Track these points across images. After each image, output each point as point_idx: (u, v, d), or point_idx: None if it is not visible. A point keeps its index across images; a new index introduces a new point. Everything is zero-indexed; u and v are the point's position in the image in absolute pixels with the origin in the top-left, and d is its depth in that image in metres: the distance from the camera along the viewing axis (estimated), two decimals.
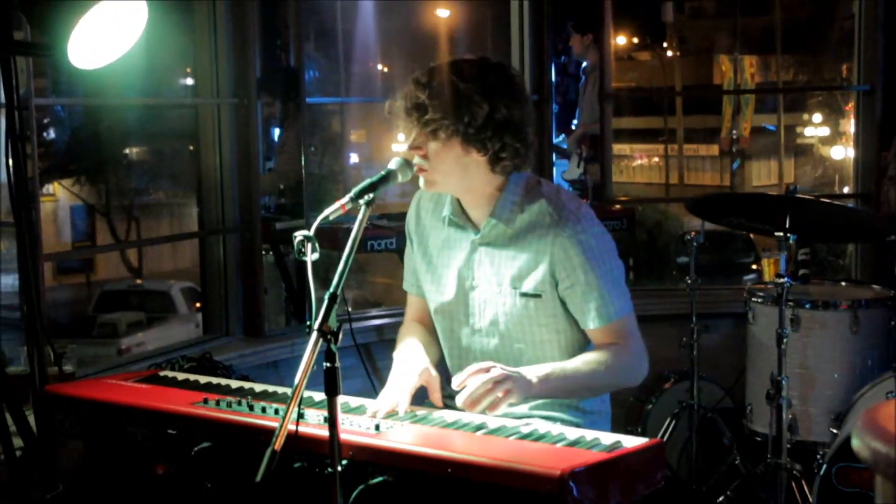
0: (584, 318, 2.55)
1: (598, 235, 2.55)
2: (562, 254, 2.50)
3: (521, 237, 2.56)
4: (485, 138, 2.47)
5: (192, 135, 4.83)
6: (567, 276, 2.51)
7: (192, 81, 4.74)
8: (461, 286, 2.66)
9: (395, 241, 4.38)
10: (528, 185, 2.60)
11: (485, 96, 2.46)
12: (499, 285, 2.59)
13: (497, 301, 2.60)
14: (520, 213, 2.56)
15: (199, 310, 15.14)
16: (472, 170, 2.52)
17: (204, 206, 4.66)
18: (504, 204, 2.57)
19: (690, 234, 4.49)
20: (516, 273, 2.56)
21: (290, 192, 5.24)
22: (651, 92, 22.05)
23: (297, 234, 2.22)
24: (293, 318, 5.13)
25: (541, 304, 2.55)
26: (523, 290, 2.55)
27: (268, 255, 5.01)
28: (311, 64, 12.47)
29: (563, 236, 2.50)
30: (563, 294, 2.54)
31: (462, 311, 2.67)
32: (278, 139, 5.64)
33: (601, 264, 2.53)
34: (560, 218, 2.52)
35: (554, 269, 2.52)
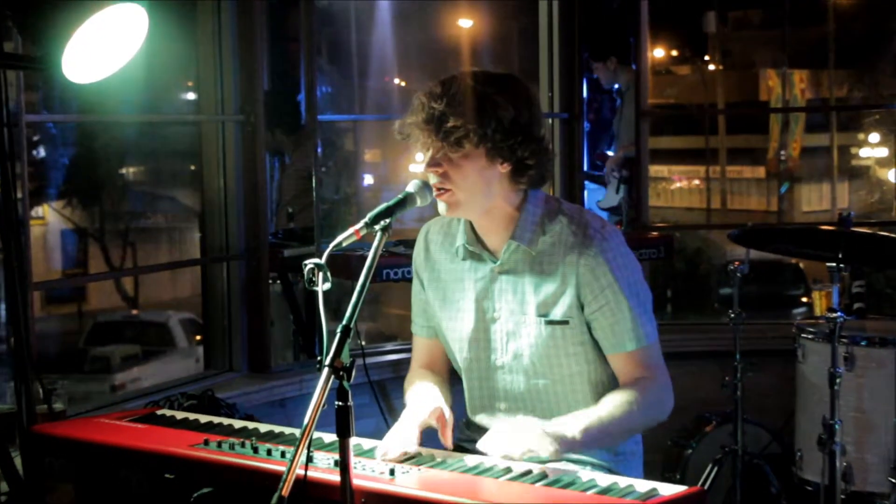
0: (613, 343, 2.56)
1: (625, 255, 2.58)
2: (588, 274, 2.52)
3: (545, 260, 2.57)
4: (514, 144, 2.49)
5: (193, 154, 4.87)
6: (595, 298, 2.53)
7: (194, 96, 4.79)
8: (481, 319, 2.66)
9: (412, 270, 4.38)
10: (548, 203, 2.62)
11: (508, 99, 2.49)
12: (523, 314, 2.59)
13: (521, 332, 2.60)
14: (541, 235, 2.58)
15: (200, 343, 15.17)
16: (494, 185, 2.54)
17: (206, 230, 4.68)
18: (524, 224, 2.58)
19: (734, 264, 4.48)
20: (542, 300, 2.57)
21: (300, 216, 5.27)
22: (691, 109, 22.04)
23: (308, 261, 2.23)
24: (302, 353, 5.14)
25: (568, 332, 2.56)
26: (550, 318, 2.56)
27: (275, 285, 5.02)
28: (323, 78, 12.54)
29: (589, 256, 2.52)
30: (591, 317, 2.55)
31: (483, 346, 2.67)
32: (287, 159, 5.68)
33: (630, 285, 2.55)
34: (584, 237, 2.54)
35: (581, 291, 2.53)
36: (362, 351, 4.71)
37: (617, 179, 6.14)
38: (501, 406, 2.69)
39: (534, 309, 2.58)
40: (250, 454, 2.47)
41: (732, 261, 4.53)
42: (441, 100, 2.48)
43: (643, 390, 2.53)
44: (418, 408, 2.60)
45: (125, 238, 19.26)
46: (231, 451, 2.49)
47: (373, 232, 2.33)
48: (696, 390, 4.65)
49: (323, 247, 4.80)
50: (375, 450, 2.49)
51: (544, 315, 2.57)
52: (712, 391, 4.69)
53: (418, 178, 2.55)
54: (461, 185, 2.53)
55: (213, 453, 2.49)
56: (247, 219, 4.59)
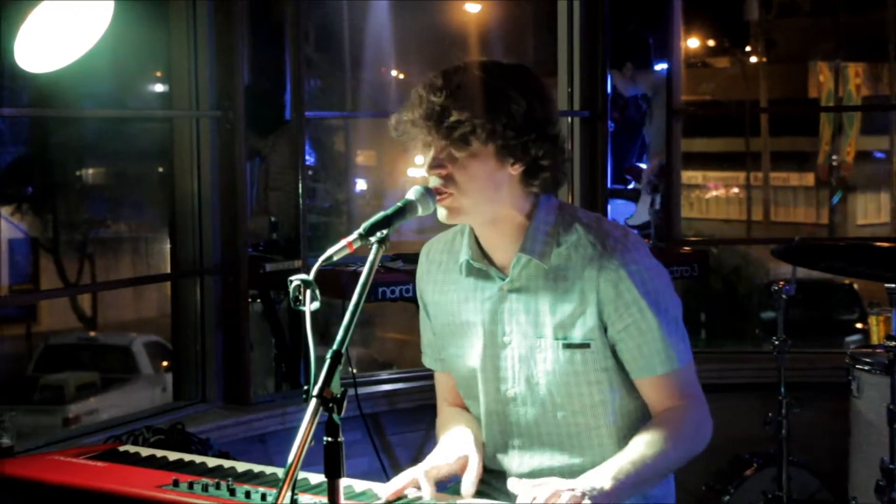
0: (641, 366, 2.55)
1: (652, 267, 2.57)
2: (611, 290, 2.52)
3: (560, 275, 2.57)
4: (527, 142, 2.49)
5: (163, 154, 4.88)
6: (619, 317, 2.52)
7: (164, 88, 4.80)
8: (490, 344, 2.65)
9: (411, 288, 4.38)
10: (562, 210, 2.62)
11: (520, 91, 2.50)
12: (538, 337, 2.59)
13: (536, 357, 2.59)
14: (555, 246, 2.57)
15: (168, 370, 15.17)
16: (504, 189, 2.54)
17: (177, 241, 4.69)
18: (535, 234, 2.58)
19: (778, 284, 4.49)
20: (559, 320, 2.56)
21: (284, 226, 5.28)
22: (730, 107, 22.05)
23: (294, 278, 2.23)
24: (285, 382, 5.14)
25: (590, 357, 2.55)
26: (569, 340, 2.56)
27: (255, 304, 5.03)
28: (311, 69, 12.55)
29: (611, 269, 2.52)
30: (616, 338, 2.54)
31: (492, 376, 2.67)
32: (270, 161, 5.69)
33: (658, 300, 2.54)
34: (604, 248, 2.54)
35: (602, 309, 2.53)
36: (354, 380, 4.73)
37: (651, 194, 6.15)
38: (516, 443, 2.68)
39: (550, 331, 2.57)
40: (226, 497, 2.47)
41: (776, 280, 4.54)
42: (442, 92, 2.48)
43: (677, 423, 2.52)
44: (445, 451, 2.61)
45: (83, 249, 19.27)
46: (204, 494, 2.50)
47: (368, 244, 2.33)
48: (735, 428, 4.65)
49: (310, 261, 4.81)
50: (376, 492, 2.49)
51: (562, 338, 2.57)
52: (753, 429, 4.69)
53: (419, 183, 2.55)
54: (466, 188, 2.51)
55: (183, 495, 2.49)
56: (224, 228, 4.60)
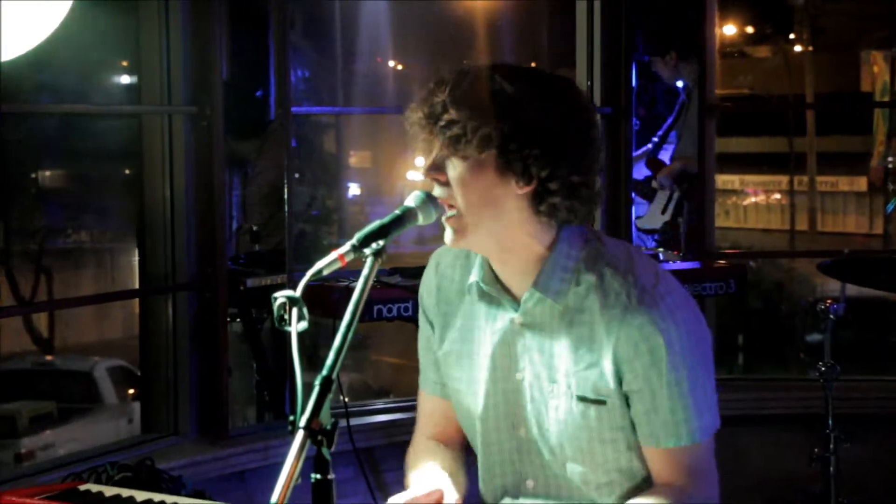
0: (646, 434, 2.52)
1: (684, 323, 2.49)
2: (629, 349, 2.47)
3: (577, 319, 2.51)
4: (528, 158, 2.45)
5: (130, 154, 4.90)
6: (634, 377, 2.48)
7: (132, 81, 4.81)
8: (501, 378, 2.64)
9: (410, 306, 4.40)
10: (588, 244, 2.57)
11: (534, 97, 2.46)
12: (552, 382, 2.56)
13: (549, 404, 2.57)
14: (574, 286, 2.52)
15: (136, 398, 15.13)
16: (509, 211, 2.47)
17: (146, 253, 4.70)
18: (552, 270, 2.52)
19: (825, 303, 4.49)
20: (574, 370, 2.52)
21: (268, 236, 5.29)
22: (771, 102, 22.05)
23: (278, 294, 2.24)
24: (268, 412, 5.15)
25: (605, 414, 2.52)
26: (581, 393, 2.54)
27: (234, 323, 5.04)
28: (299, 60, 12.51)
29: (632, 326, 2.45)
30: (628, 395, 2.52)
31: (504, 413, 2.65)
32: (251, 164, 5.71)
33: (683, 365, 2.47)
34: (629, 299, 2.47)
35: (619, 366, 2.49)
36: (346, 410, 4.72)
37: (667, 196, 6.15)
38: (529, 485, 2.68)
39: (564, 379, 2.55)
40: None
41: (823, 299, 4.54)
42: (444, 88, 2.48)
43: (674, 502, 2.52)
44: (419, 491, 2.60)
45: (38, 261, 19.22)
46: None
47: (362, 257, 2.32)
48: (776, 465, 4.65)
49: (297, 276, 4.82)
50: None
51: (577, 390, 2.55)
52: (797, 466, 4.69)
53: (419, 187, 2.54)
54: (464, 201, 2.47)
55: None
56: (199, 238, 4.62)
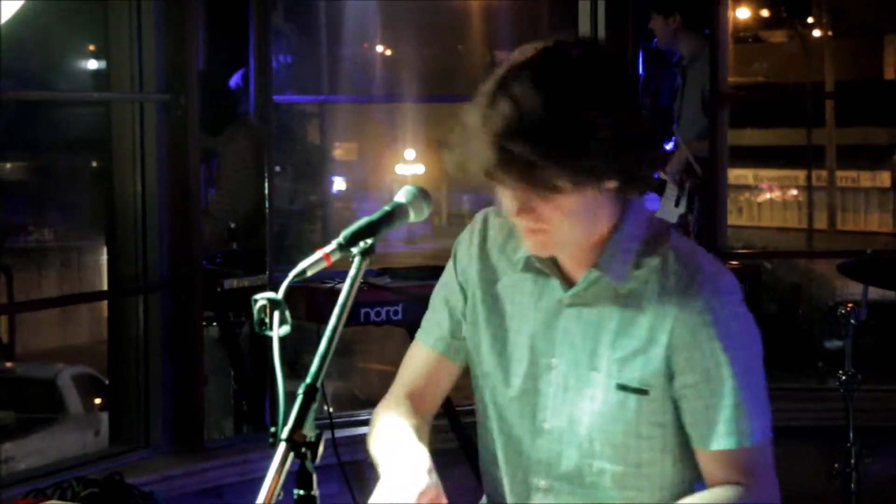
0: (703, 433, 2.52)
1: (742, 318, 2.52)
2: (687, 335, 2.49)
3: (631, 303, 2.54)
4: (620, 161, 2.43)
5: (99, 145, 4.89)
6: (690, 369, 2.49)
7: (100, 66, 4.81)
8: (532, 363, 2.64)
9: (400, 310, 4.40)
10: (651, 227, 2.59)
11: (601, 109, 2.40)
12: (590, 369, 2.56)
13: (583, 393, 2.57)
14: (634, 269, 2.56)
15: (103, 408, 15.11)
16: (603, 206, 2.51)
17: (116, 251, 4.70)
18: (615, 250, 2.54)
19: (846, 307, 4.49)
20: (619, 355, 2.54)
21: (246, 234, 5.29)
22: (788, 91, 22.07)
23: (259, 296, 2.24)
24: (246, 424, 5.15)
25: (645, 406, 2.53)
26: (623, 381, 2.54)
27: (211, 328, 5.04)
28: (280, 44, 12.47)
29: (693, 310, 2.48)
30: (679, 392, 2.51)
31: (527, 400, 2.65)
32: (228, 156, 5.70)
33: (742, 359, 2.49)
34: (691, 282, 2.50)
35: (672, 354, 2.49)
36: (330, 421, 4.72)
37: (680, 187, 6.16)
38: (541, 483, 2.67)
39: (606, 365, 2.56)
40: None
41: (844, 302, 4.54)
42: (516, 134, 2.42)
43: (737, 496, 2.51)
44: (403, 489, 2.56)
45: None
46: None
47: (348, 256, 2.32)
48: (793, 481, 4.63)
49: (278, 276, 4.82)
50: None
51: (618, 376, 2.55)
52: (815, 482, 4.70)
53: (410, 181, 2.55)
54: (560, 224, 2.47)
55: None
56: (173, 236, 4.61)
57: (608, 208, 2.54)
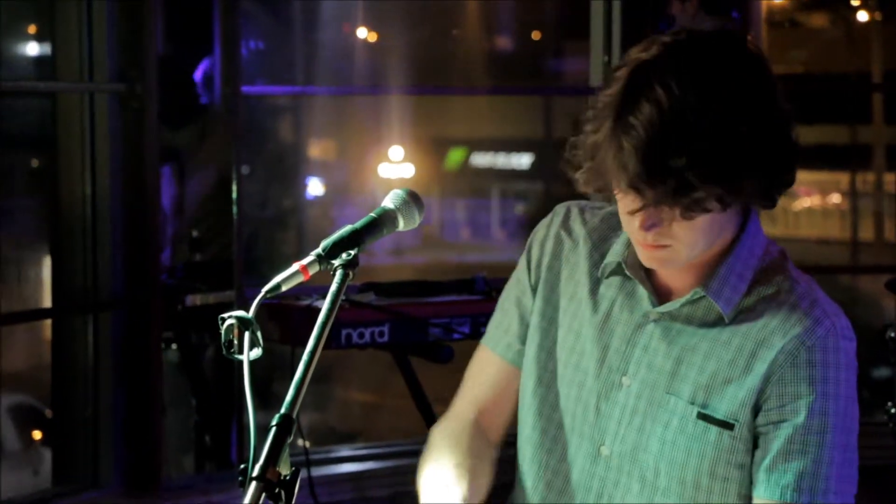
0: (769, 479, 2.50)
1: (849, 368, 2.53)
2: (788, 368, 2.48)
3: (732, 327, 2.54)
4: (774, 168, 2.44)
5: (41, 142, 4.90)
6: (779, 406, 2.49)
7: (43, 51, 4.82)
8: (601, 379, 2.63)
9: (387, 331, 4.42)
10: (769, 252, 2.60)
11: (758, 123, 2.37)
12: (668, 394, 2.54)
13: (657, 418, 2.55)
14: (744, 295, 2.55)
15: (45, 443, 15.08)
16: (730, 219, 2.52)
17: (61, 263, 4.70)
18: (729, 274, 2.54)
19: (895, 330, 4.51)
20: (704, 380, 2.53)
21: (211, 243, 5.30)
22: (830, 82, 22.09)
23: (227, 315, 2.24)
24: (209, 460, 5.16)
25: (727, 442, 2.51)
26: (708, 411, 2.53)
27: (170, 350, 5.05)
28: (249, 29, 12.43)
29: (803, 343, 2.48)
30: (760, 429, 2.50)
31: (588, 420, 2.64)
32: (190, 156, 5.71)
33: (840, 410, 2.50)
34: (807, 315, 2.50)
35: (766, 387, 2.48)
36: (306, 457, 4.74)
37: None
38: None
39: (688, 390, 2.54)
40: None
41: (893, 325, 4.56)
42: (673, 145, 2.36)
43: None
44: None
45: None
46: None
47: (329, 270, 2.33)
48: None
49: (248, 292, 4.83)
50: None
51: (701, 404, 2.54)
52: None
53: (398, 185, 2.55)
54: (690, 241, 2.45)
55: None
56: (128, 246, 4.62)
57: (732, 222, 2.54)
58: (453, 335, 4.58)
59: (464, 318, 4.63)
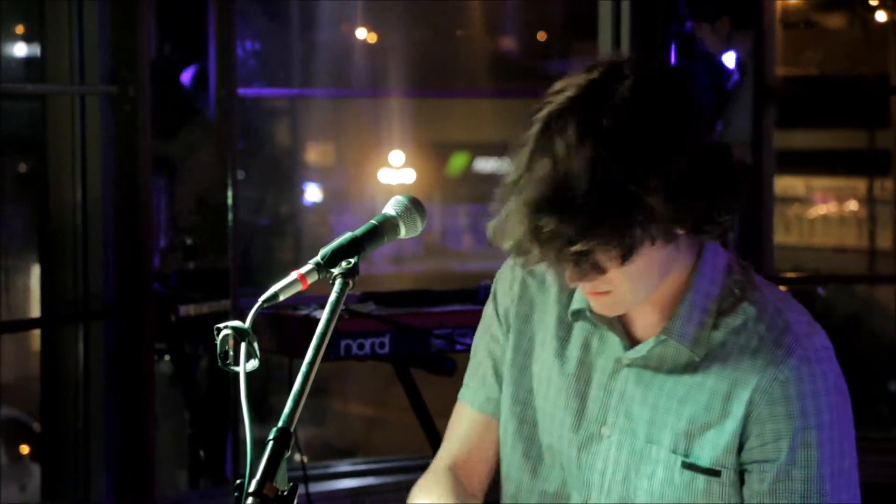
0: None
1: (834, 387, 2.52)
2: (766, 408, 2.47)
3: (705, 367, 2.52)
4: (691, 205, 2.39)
5: (29, 147, 4.90)
6: (761, 446, 2.48)
7: (31, 52, 4.82)
8: (581, 430, 2.62)
9: (387, 342, 4.42)
10: (730, 275, 2.57)
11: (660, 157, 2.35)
12: (649, 443, 2.53)
13: (641, 471, 2.55)
14: (711, 329, 2.54)
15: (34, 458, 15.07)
16: (674, 256, 2.48)
17: (51, 272, 4.71)
18: (691, 312, 2.52)
19: None
20: (684, 427, 2.53)
21: (205, 252, 5.29)
22: (847, 85, 22.07)
23: (223, 325, 2.25)
24: (204, 475, 5.15)
25: (716, 489, 2.50)
26: (692, 460, 2.53)
27: (163, 361, 5.05)
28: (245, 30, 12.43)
29: (777, 380, 2.46)
30: (745, 468, 2.50)
31: (572, 475, 2.63)
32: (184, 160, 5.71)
33: (827, 440, 2.48)
34: (777, 346, 2.49)
35: (747, 428, 2.47)
36: (304, 473, 4.74)
37: None
38: None
39: (669, 438, 2.53)
40: None
41: None
42: (552, 209, 2.34)
43: None
44: None
45: None
46: None
47: (328, 278, 2.33)
48: None
49: (243, 301, 4.83)
50: None
51: (683, 453, 2.53)
52: None
53: (399, 192, 2.56)
54: (626, 286, 2.44)
55: None
56: (120, 253, 4.63)
57: (681, 256, 2.51)
58: (456, 346, 4.58)
59: (467, 329, 4.62)
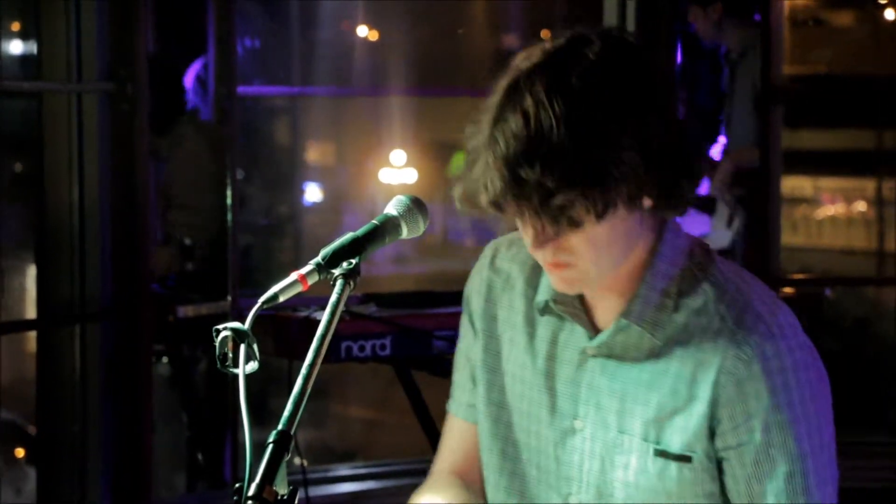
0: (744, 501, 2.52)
1: (802, 364, 2.49)
2: (732, 389, 2.46)
3: (666, 352, 2.52)
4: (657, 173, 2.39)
5: (25, 146, 4.91)
6: (734, 429, 2.48)
7: (28, 49, 4.82)
8: (553, 425, 2.63)
9: (388, 344, 4.42)
10: (692, 258, 2.56)
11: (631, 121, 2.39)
12: (621, 433, 2.54)
13: (615, 461, 2.55)
14: (671, 311, 2.53)
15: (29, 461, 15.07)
16: (637, 229, 2.48)
17: (47, 272, 4.71)
18: (649, 294, 2.51)
19: None
20: (654, 414, 2.52)
21: (203, 252, 5.30)
22: (854, 84, 22.07)
23: (222, 326, 2.25)
24: (202, 478, 5.16)
25: (688, 475, 2.50)
26: (663, 447, 2.54)
27: (160, 363, 5.05)
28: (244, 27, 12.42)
29: (740, 360, 2.45)
30: (721, 454, 2.50)
31: (548, 468, 2.64)
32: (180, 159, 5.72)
33: (801, 418, 2.47)
34: (739, 326, 2.48)
35: (715, 412, 2.47)
36: (304, 476, 4.75)
37: (730, 206, 6.18)
38: None
39: (639, 427, 2.54)
40: None
41: None
42: (530, 158, 2.40)
43: None
44: None
45: None
46: None
47: (329, 280, 2.33)
48: None
49: (243, 303, 4.84)
50: None
51: (654, 441, 2.53)
52: None
53: (400, 191, 2.57)
54: (590, 255, 2.43)
55: None
56: (117, 254, 4.63)
57: (644, 231, 2.51)
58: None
59: None
